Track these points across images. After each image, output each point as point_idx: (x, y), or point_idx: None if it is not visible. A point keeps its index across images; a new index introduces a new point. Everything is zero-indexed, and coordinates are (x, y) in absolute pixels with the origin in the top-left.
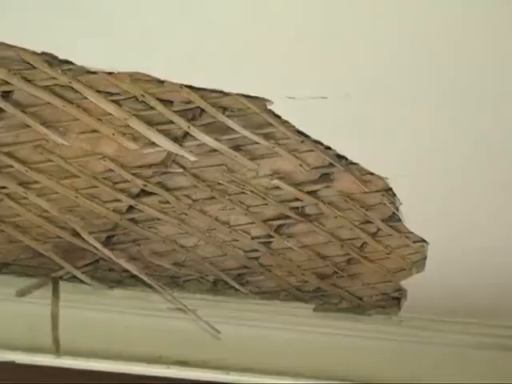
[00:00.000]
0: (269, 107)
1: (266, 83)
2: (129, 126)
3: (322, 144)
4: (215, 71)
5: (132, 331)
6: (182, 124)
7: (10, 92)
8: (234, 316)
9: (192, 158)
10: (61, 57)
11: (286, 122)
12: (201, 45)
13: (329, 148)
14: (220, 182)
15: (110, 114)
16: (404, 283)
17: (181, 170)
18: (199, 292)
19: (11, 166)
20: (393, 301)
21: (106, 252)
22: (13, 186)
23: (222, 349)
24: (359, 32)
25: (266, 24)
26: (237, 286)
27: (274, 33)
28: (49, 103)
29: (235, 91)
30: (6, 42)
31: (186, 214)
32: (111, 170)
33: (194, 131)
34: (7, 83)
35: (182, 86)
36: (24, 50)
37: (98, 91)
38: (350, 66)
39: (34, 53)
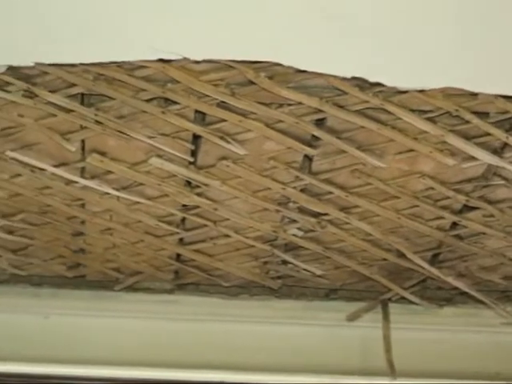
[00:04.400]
0: None
1: None
2: (445, 142)
3: None
4: None
5: (465, 349)
6: (500, 135)
7: (323, 120)
8: None
9: None
10: (371, 80)
11: None
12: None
13: None
14: None
15: (426, 131)
16: None
17: (503, 182)
18: None
19: (331, 193)
20: None
21: (434, 271)
22: (334, 212)
23: None
24: None
25: None
26: None
27: None
28: (362, 127)
29: None
30: (316, 70)
31: None
32: (431, 188)
33: None
34: (320, 111)
35: (496, 96)
36: (334, 76)
37: (411, 110)
38: None
39: (344, 78)
